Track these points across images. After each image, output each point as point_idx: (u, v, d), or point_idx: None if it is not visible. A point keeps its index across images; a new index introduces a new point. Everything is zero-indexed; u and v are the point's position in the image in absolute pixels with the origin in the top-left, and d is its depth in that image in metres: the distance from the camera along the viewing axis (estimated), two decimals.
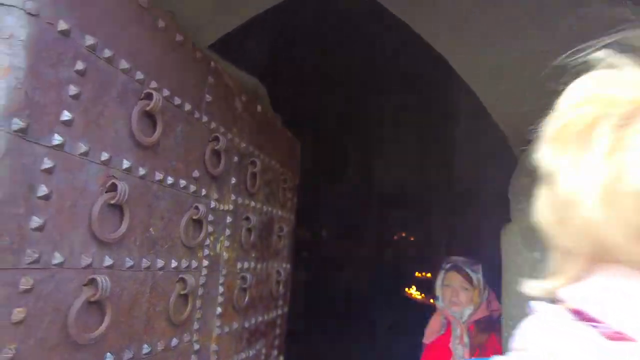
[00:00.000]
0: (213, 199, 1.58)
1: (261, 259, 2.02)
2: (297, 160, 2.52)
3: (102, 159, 1.07)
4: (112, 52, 1.09)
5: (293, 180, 2.43)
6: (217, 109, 1.61)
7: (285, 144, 2.32)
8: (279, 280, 2.18)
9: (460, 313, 2.30)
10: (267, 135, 2.08)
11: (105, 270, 1.08)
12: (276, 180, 2.20)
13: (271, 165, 2.12)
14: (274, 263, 2.16)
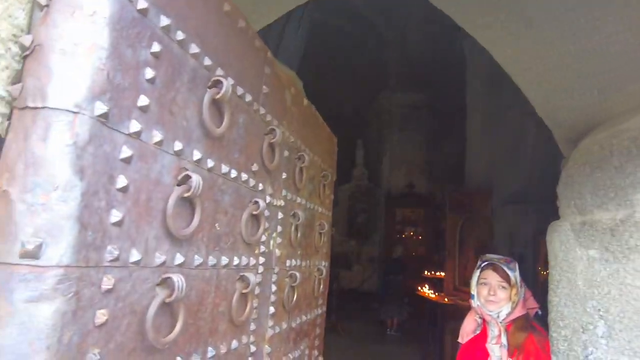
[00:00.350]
0: (268, 194, 1.51)
1: (305, 256, 1.94)
2: (334, 157, 2.44)
3: (175, 149, 1.00)
4: (184, 34, 1.02)
5: (332, 177, 2.35)
6: (272, 101, 1.53)
7: (325, 139, 2.25)
8: (319, 278, 2.11)
9: (497, 312, 2.22)
10: (311, 129, 2.00)
11: (176, 268, 1.01)
12: (318, 177, 2.12)
13: (314, 161, 2.04)
14: (315, 261, 2.08)
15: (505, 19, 2.01)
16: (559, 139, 2.25)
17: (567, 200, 2.02)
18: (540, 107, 2.20)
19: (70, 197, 0.74)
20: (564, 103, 2.05)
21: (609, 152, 1.75)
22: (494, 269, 2.29)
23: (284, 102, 1.67)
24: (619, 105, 1.81)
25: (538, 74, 2.07)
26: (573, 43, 1.84)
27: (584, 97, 1.94)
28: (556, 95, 2.06)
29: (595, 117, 1.94)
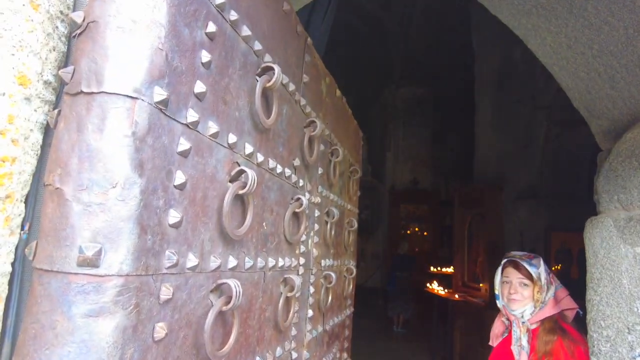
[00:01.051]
0: (307, 190, 1.42)
1: (337, 255, 1.85)
2: (360, 152, 2.35)
3: (229, 141, 0.90)
4: (237, 14, 0.92)
5: (360, 172, 2.26)
6: (310, 91, 1.44)
7: (353, 133, 2.15)
8: (349, 278, 2.02)
9: (521, 311, 2.08)
10: (342, 122, 1.91)
11: (229, 273, 0.92)
12: (347, 172, 2.03)
13: (344, 155, 1.95)
14: (344, 260, 2.00)
15: (547, 4, 1.91)
16: (596, 132, 2.16)
17: (610, 195, 1.92)
18: (578, 98, 2.10)
19: (129, 195, 0.64)
20: (606, 93, 1.95)
21: None
22: (514, 265, 2.15)
23: (320, 93, 1.57)
24: None
25: (578, 62, 1.98)
26: (622, 28, 1.75)
27: (630, 87, 1.85)
28: (597, 84, 1.97)
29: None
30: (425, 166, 13.46)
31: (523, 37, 2.19)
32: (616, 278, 1.87)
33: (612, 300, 1.89)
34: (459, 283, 7.53)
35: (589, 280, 2.06)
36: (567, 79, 2.10)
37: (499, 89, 7.47)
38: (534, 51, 2.20)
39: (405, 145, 13.55)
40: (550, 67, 2.16)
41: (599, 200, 2.04)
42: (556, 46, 2.05)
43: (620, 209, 1.88)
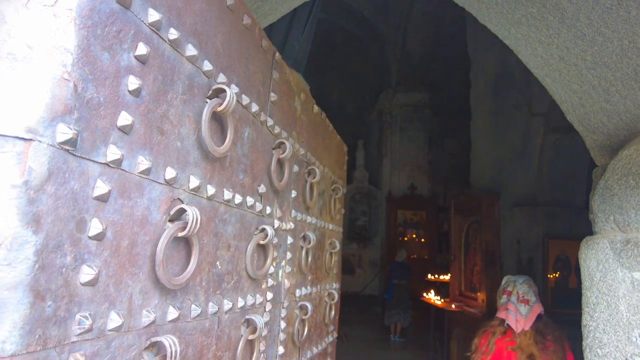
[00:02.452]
0: (276, 218, 1.31)
1: (315, 281, 1.74)
2: (345, 167, 2.24)
3: (167, 177, 0.79)
4: (178, 33, 0.81)
5: (342, 189, 2.15)
6: (280, 110, 1.33)
7: (335, 148, 2.04)
8: (331, 304, 1.91)
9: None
10: (321, 139, 1.80)
11: (170, 325, 0.81)
12: (328, 191, 1.92)
13: (324, 174, 1.84)
14: (326, 284, 1.88)
15: (537, 13, 1.81)
16: (591, 146, 2.05)
17: (605, 215, 1.82)
18: (571, 111, 2.00)
19: (18, 258, 0.53)
20: (600, 106, 1.85)
21: None
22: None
23: (293, 110, 1.46)
24: None
25: (570, 74, 1.87)
26: (616, 40, 1.64)
27: (626, 100, 1.74)
28: (591, 98, 1.86)
29: (637, 122, 1.74)
30: (423, 172, 13.37)
31: (513, 48, 2.10)
32: (613, 304, 1.76)
33: (610, 328, 1.77)
34: (456, 292, 7.41)
35: (585, 305, 1.94)
36: (560, 92, 2.00)
37: (495, 95, 7.39)
38: (525, 62, 2.10)
39: (402, 151, 13.47)
40: (542, 79, 2.07)
41: (595, 219, 1.93)
42: (548, 57, 1.95)
43: (617, 231, 1.77)
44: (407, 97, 13.49)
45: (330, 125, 1.94)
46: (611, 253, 1.79)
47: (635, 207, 1.66)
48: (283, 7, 1.87)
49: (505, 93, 7.17)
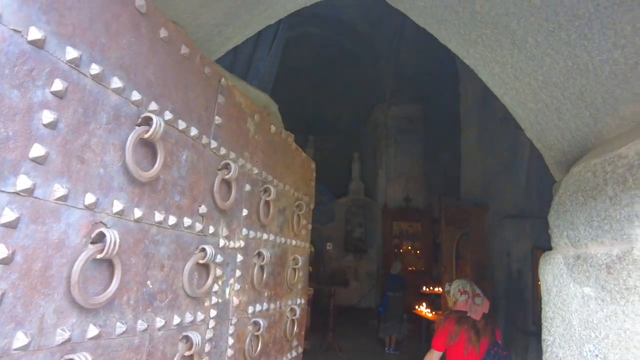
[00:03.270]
0: (222, 237, 1.35)
1: (274, 297, 1.78)
2: (312, 183, 2.29)
3: (86, 202, 0.84)
4: (101, 67, 0.87)
5: (308, 205, 2.19)
6: (228, 132, 1.39)
7: (299, 165, 2.10)
8: (293, 319, 1.94)
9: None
10: (281, 157, 1.86)
11: (90, 342, 0.85)
12: (290, 207, 1.97)
13: (285, 191, 1.89)
14: (287, 300, 1.92)
15: (491, 34, 1.87)
16: (549, 163, 2.10)
17: (560, 231, 1.86)
18: (529, 129, 2.05)
19: None
20: (554, 124, 1.90)
21: (603, 180, 1.60)
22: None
23: (245, 131, 1.52)
24: (612, 129, 1.66)
25: (526, 93, 1.93)
26: (562, 61, 1.70)
27: (575, 119, 1.80)
28: (545, 116, 1.92)
29: (587, 140, 1.79)
30: (418, 184, 13.42)
31: (473, 67, 2.16)
32: (567, 319, 1.79)
33: (564, 343, 1.81)
34: (447, 304, 7.39)
35: (544, 319, 1.98)
36: (518, 110, 2.05)
37: (483, 108, 7.47)
38: (485, 81, 2.16)
39: (397, 163, 13.54)
40: (501, 98, 2.12)
41: (551, 235, 1.98)
42: (504, 76, 2.01)
43: (570, 246, 1.81)
44: (401, 110, 13.61)
45: (293, 143, 2.00)
46: (565, 268, 1.84)
47: (584, 222, 1.70)
48: (246, 30, 1.94)
49: (492, 106, 7.26)
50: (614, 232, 1.54)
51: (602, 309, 1.60)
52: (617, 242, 1.53)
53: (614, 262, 1.54)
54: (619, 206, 1.51)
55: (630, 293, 1.46)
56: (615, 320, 1.52)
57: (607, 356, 1.55)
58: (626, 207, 1.48)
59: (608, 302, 1.57)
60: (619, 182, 1.52)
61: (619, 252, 1.52)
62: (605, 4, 1.41)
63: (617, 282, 1.52)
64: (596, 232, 1.64)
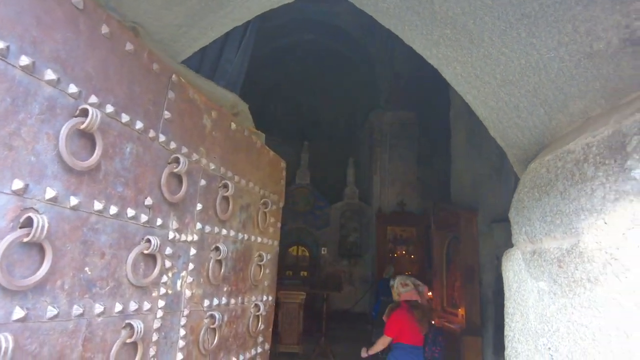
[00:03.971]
0: (172, 230, 1.38)
1: (235, 292, 1.80)
2: (281, 181, 2.32)
3: (13, 188, 0.88)
4: (31, 59, 0.91)
5: (277, 203, 2.22)
6: (179, 127, 1.42)
7: (266, 163, 2.13)
8: (257, 314, 1.96)
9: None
10: (244, 155, 1.89)
11: (15, 324, 0.88)
12: (255, 204, 2.00)
13: (249, 188, 1.92)
14: (251, 296, 1.94)
15: (451, 34, 1.92)
16: (512, 161, 2.13)
17: (519, 227, 1.89)
18: (492, 127, 2.09)
19: None
20: (514, 122, 1.94)
21: (555, 175, 1.64)
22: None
23: (200, 127, 1.56)
24: (564, 125, 1.70)
25: (486, 91, 1.97)
26: (516, 59, 1.74)
27: (532, 116, 1.83)
28: (505, 114, 1.96)
29: (544, 137, 1.83)
30: (412, 189, 13.45)
31: (437, 67, 2.20)
32: (525, 314, 1.82)
33: (522, 337, 1.83)
34: (438, 308, 7.40)
35: (506, 315, 2.01)
36: (480, 109, 2.09)
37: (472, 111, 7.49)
38: (449, 81, 2.20)
39: (392, 168, 13.58)
40: (465, 96, 2.16)
41: (512, 232, 2.01)
42: (466, 75, 2.05)
43: (527, 242, 1.84)
44: (396, 116, 13.68)
45: (258, 141, 2.03)
46: (523, 264, 1.87)
47: (540, 218, 1.73)
48: (212, 31, 1.99)
49: None
50: (564, 226, 1.58)
51: (554, 303, 1.63)
52: (567, 235, 1.57)
53: (564, 255, 1.57)
54: (568, 200, 1.55)
55: (577, 285, 1.50)
56: (565, 312, 1.55)
57: (558, 348, 1.58)
58: (574, 201, 1.51)
59: (559, 296, 1.60)
60: (568, 177, 1.56)
61: (568, 246, 1.55)
62: (548, 3, 1.45)
63: (566, 276, 1.55)
64: (549, 227, 1.67)
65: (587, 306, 1.42)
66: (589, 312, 1.41)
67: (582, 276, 1.46)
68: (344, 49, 14.67)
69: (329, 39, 14.55)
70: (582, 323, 1.46)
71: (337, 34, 14.20)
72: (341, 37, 14.22)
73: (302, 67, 16.26)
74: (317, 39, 14.67)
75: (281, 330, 8.70)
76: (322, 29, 14.31)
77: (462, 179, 7.61)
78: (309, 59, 15.55)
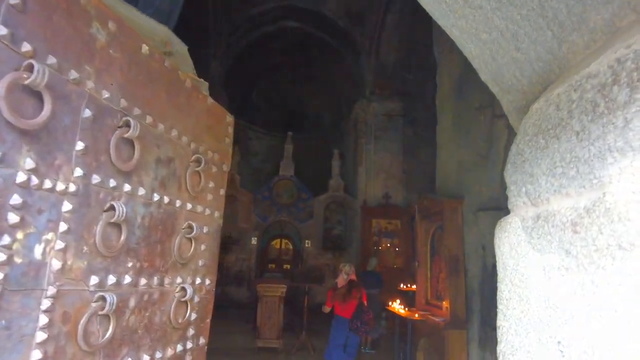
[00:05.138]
0: (24, 169, 0.94)
1: (150, 271, 1.36)
2: (226, 139, 1.88)
3: None
4: None
5: (218, 165, 1.78)
6: (41, 26, 0.98)
7: (202, 113, 1.69)
8: (184, 300, 1.52)
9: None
10: (165, 93, 1.45)
11: None
12: (183, 160, 1.55)
13: (171, 137, 1.48)
14: (176, 277, 1.50)
15: None
16: (508, 111, 1.73)
17: (518, 187, 1.48)
18: (484, 68, 1.68)
19: None
20: (511, 57, 1.52)
21: (568, 112, 1.23)
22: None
23: (85, 38, 1.11)
24: (580, 49, 1.29)
25: (477, 20, 1.55)
26: None
27: (535, 45, 1.42)
28: (501, 48, 1.54)
29: (550, 71, 1.42)
30: (398, 181, 13.13)
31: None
32: (525, 298, 1.41)
33: (521, 328, 1.42)
34: (422, 301, 7.04)
35: (499, 302, 1.59)
36: (469, 44, 1.67)
37: (459, 97, 7.16)
38: (431, 13, 1.78)
39: (377, 160, 13.24)
40: (449, 32, 1.74)
41: (509, 195, 1.60)
42: (452, 2, 1.63)
43: (529, 205, 1.43)
44: (381, 106, 13.33)
45: (187, 81, 1.58)
46: (523, 234, 1.45)
47: (546, 172, 1.32)
48: None
49: (468, 95, 6.96)
50: (581, 178, 1.16)
51: (566, 282, 1.21)
52: (585, 190, 1.15)
53: (581, 216, 1.15)
54: (587, 142, 1.13)
55: (601, 256, 1.08)
56: (582, 294, 1.14)
57: (572, 342, 1.17)
58: (596, 141, 1.10)
59: (574, 272, 1.18)
60: (588, 110, 1.14)
61: (588, 203, 1.13)
62: None
63: (584, 244, 1.13)
64: (560, 181, 1.25)
65: (618, 283, 1.01)
66: (620, 291, 1.01)
67: (610, 242, 1.04)
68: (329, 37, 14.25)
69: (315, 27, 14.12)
70: (608, 307, 1.05)
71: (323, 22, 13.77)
72: (327, 25, 13.80)
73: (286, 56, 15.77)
74: (303, 27, 14.23)
75: (260, 324, 8.29)
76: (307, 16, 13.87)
77: (447, 166, 7.25)
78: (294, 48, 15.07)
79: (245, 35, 13.90)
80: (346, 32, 13.81)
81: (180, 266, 1.52)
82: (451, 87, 7.31)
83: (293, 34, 14.57)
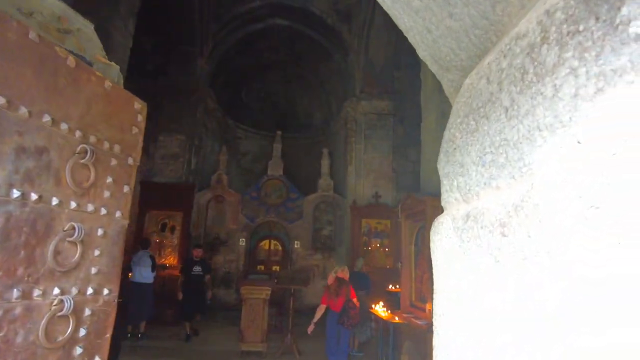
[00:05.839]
0: None
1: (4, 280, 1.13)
2: (134, 129, 1.64)
3: None
4: None
5: (120, 157, 1.55)
6: None
7: (96, 97, 1.45)
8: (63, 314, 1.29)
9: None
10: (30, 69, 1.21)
11: None
12: (63, 151, 1.32)
13: (42, 124, 1.24)
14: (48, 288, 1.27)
15: None
16: (449, 93, 1.50)
17: (450, 180, 1.26)
18: (420, 42, 1.45)
19: None
20: (446, 27, 1.29)
21: (498, 84, 1.00)
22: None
23: None
24: (516, 10, 1.06)
25: None
26: None
27: (469, 9, 1.19)
28: (435, 15, 1.30)
29: (488, 40, 1.18)
30: (387, 181, 12.91)
31: None
32: (459, 313, 1.18)
33: (453, 350, 1.19)
34: (407, 303, 6.81)
35: (433, 318, 1.35)
36: (402, 15, 1.44)
37: (442, 92, 6.92)
38: None
39: (367, 159, 13.02)
40: (382, 1, 1.50)
41: (442, 190, 1.37)
42: None
43: (461, 201, 1.20)
44: (371, 105, 13.11)
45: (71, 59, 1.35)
46: (454, 236, 1.20)
47: (476, 160, 1.09)
48: None
49: None
50: (511, 166, 0.92)
51: (496, 295, 0.98)
52: (514, 181, 0.91)
53: (509, 215, 0.91)
54: (516, 120, 0.90)
55: (529, 264, 0.85)
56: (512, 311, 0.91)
57: None
58: (525, 118, 0.87)
59: (501, 283, 0.95)
60: (517, 79, 0.92)
61: (517, 199, 0.90)
62: None
63: (512, 249, 0.90)
64: (489, 171, 1.02)
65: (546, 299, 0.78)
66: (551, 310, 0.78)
67: (540, 249, 0.81)
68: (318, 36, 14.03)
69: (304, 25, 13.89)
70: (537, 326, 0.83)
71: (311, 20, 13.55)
72: (316, 23, 13.57)
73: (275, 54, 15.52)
74: (291, 25, 14.01)
75: (244, 327, 8.03)
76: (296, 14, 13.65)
77: (431, 164, 7.03)
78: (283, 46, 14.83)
79: (232, 33, 13.65)
80: (334, 30, 13.60)
81: (59, 275, 1.28)
82: (435, 84, 7.09)
83: (281, 32, 14.35)
